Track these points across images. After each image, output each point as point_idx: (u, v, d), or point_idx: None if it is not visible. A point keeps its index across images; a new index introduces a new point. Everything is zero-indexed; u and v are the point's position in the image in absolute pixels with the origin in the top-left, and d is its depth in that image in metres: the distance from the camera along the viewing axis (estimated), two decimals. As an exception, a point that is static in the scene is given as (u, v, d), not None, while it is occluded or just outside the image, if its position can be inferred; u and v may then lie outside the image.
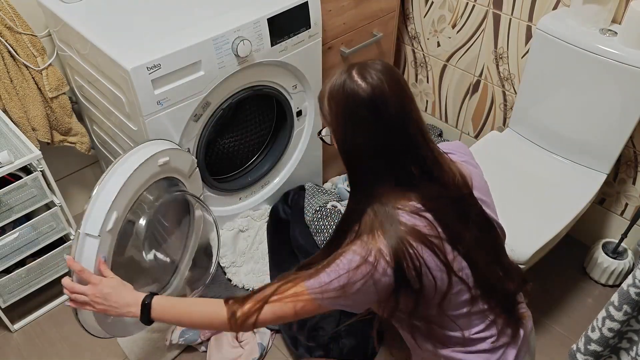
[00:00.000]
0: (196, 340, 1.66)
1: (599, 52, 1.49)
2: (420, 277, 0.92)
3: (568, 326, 1.75)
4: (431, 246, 0.92)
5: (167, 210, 1.54)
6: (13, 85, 1.59)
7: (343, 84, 0.92)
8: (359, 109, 0.92)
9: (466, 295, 0.98)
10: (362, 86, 0.91)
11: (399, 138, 0.93)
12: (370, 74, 0.92)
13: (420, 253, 0.91)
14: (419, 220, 0.93)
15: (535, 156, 1.75)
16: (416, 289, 0.93)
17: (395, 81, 0.93)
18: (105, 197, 1.23)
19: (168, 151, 1.38)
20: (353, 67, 0.94)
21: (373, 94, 0.91)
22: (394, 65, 2.25)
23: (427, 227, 0.93)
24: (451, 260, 0.95)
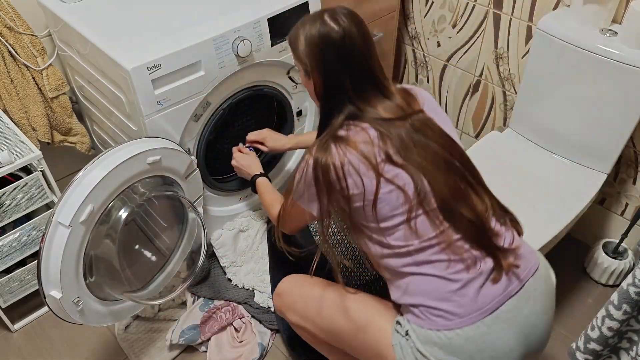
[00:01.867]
0: (196, 340, 1.67)
1: (599, 52, 1.49)
2: (343, 178, 1.05)
3: (568, 326, 1.75)
4: (359, 150, 1.05)
5: (162, 209, 1.54)
6: (13, 85, 1.59)
7: (318, 28, 1.08)
8: (332, 49, 1.08)
9: (404, 202, 1.05)
10: (335, 29, 1.08)
11: (364, 69, 1.10)
12: (341, 18, 1.08)
13: (345, 156, 1.05)
14: (357, 134, 1.07)
15: (536, 156, 1.75)
16: (341, 188, 1.06)
17: (360, 25, 1.10)
18: (83, 188, 1.25)
19: (160, 150, 1.38)
20: (324, 13, 1.10)
21: (344, 35, 1.07)
22: (395, 65, 2.25)
23: (364, 136, 1.07)
24: (382, 168, 1.05)
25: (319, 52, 1.09)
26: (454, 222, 1.06)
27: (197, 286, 1.78)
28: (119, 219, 1.35)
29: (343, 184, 1.06)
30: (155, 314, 1.74)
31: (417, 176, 1.05)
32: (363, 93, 1.10)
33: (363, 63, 1.09)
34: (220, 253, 1.80)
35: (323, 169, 1.06)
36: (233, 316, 1.71)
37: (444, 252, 1.05)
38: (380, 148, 1.06)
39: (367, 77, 1.10)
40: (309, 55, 1.11)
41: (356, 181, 1.05)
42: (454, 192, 1.07)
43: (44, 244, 1.23)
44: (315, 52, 1.09)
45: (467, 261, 1.05)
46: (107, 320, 1.46)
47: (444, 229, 1.05)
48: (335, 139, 1.07)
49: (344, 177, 1.05)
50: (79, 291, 1.32)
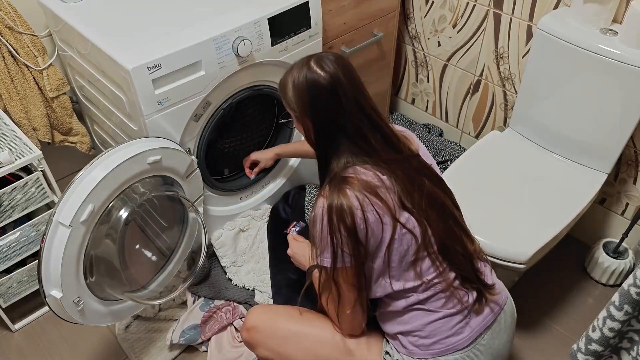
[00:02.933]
0: (197, 340, 1.67)
1: (599, 52, 1.49)
2: (363, 221, 1.04)
3: (569, 326, 1.75)
4: (374, 191, 1.05)
5: (162, 208, 1.54)
6: (14, 85, 1.59)
7: (305, 75, 1.08)
8: (320, 95, 1.08)
9: (413, 246, 1.08)
10: (322, 75, 1.08)
11: (359, 115, 1.09)
12: (327, 64, 1.08)
13: (366, 203, 1.04)
14: (366, 175, 1.07)
15: (536, 156, 1.75)
16: (357, 231, 1.04)
17: (347, 69, 1.10)
18: (84, 188, 1.25)
19: (160, 150, 1.38)
20: (310, 59, 1.10)
21: (332, 80, 1.07)
22: (395, 65, 2.25)
23: (374, 178, 1.07)
24: (397, 212, 1.06)
25: (308, 98, 1.09)
26: (450, 261, 1.11)
27: (197, 286, 1.78)
28: (119, 219, 1.35)
29: (362, 226, 1.04)
30: (155, 313, 1.74)
31: (421, 220, 1.08)
32: (359, 136, 1.10)
33: (354, 106, 1.09)
34: (220, 253, 1.80)
35: (338, 212, 1.03)
36: (233, 316, 1.71)
37: (441, 291, 1.12)
38: (393, 191, 1.06)
39: (360, 119, 1.09)
40: (297, 102, 1.11)
41: (375, 224, 1.05)
42: (450, 233, 1.12)
43: (44, 244, 1.23)
44: (303, 99, 1.10)
45: (460, 298, 1.12)
46: (107, 320, 1.46)
47: (442, 269, 1.11)
48: (346, 181, 1.06)
49: (364, 219, 1.03)
50: (79, 291, 1.32)
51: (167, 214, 1.57)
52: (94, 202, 1.26)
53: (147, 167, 1.36)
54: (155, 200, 1.49)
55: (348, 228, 1.03)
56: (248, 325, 1.27)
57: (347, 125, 1.09)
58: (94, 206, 1.26)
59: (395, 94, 2.43)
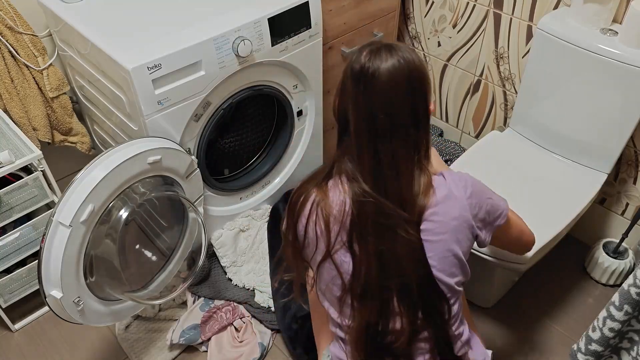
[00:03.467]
0: (197, 340, 1.67)
1: (599, 52, 1.49)
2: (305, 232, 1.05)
3: (569, 326, 1.75)
4: (326, 222, 1.01)
5: (162, 208, 1.54)
6: (14, 85, 1.59)
7: (355, 55, 0.97)
8: (347, 80, 0.97)
9: (339, 281, 1.05)
10: (359, 60, 0.95)
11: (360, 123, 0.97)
12: (380, 56, 0.94)
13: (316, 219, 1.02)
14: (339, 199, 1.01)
15: (536, 156, 1.75)
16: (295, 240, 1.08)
17: (392, 75, 0.94)
18: (84, 188, 1.25)
19: (160, 150, 1.38)
20: (375, 45, 0.96)
21: (361, 71, 0.94)
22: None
23: (340, 208, 1.00)
24: (336, 249, 1.02)
25: (343, 79, 0.99)
26: (365, 315, 1.05)
27: (197, 286, 1.78)
28: (119, 219, 1.35)
29: (301, 235, 1.07)
30: (155, 313, 1.74)
31: (360, 269, 1.01)
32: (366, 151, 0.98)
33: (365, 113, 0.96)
34: (220, 253, 1.80)
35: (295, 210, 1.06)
36: (233, 316, 1.71)
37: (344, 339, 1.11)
38: (345, 229, 1.00)
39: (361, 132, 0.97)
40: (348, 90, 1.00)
41: (312, 241, 1.05)
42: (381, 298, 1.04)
43: (44, 244, 1.23)
44: (342, 77, 1.00)
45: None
46: (107, 320, 1.46)
47: (352, 320, 1.07)
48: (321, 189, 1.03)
49: (304, 230, 1.05)
50: (79, 291, 1.32)
51: (167, 214, 1.57)
52: (94, 202, 1.26)
53: (147, 167, 1.36)
54: (155, 200, 1.49)
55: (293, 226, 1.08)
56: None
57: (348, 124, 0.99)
58: (94, 206, 1.26)
59: (395, 94, 2.43)
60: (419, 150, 1.00)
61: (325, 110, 1.91)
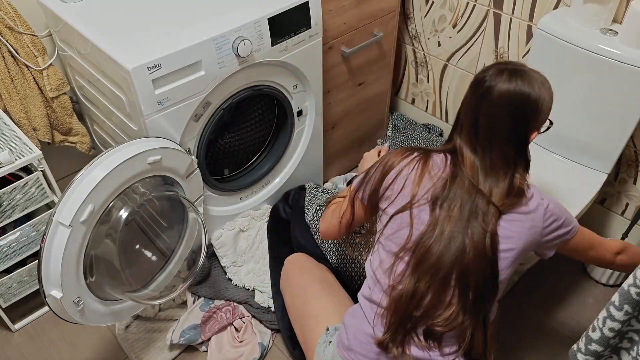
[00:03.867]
0: (197, 340, 1.67)
1: (599, 52, 1.49)
2: (388, 181, 1.14)
3: (569, 326, 1.75)
4: (421, 176, 1.10)
5: (162, 208, 1.54)
6: (14, 85, 1.59)
7: (488, 70, 1.10)
8: (474, 89, 1.10)
9: (402, 239, 1.10)
10: (485, 73, 1.09)
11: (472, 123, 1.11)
12: (502, 77, 1.06)
13: (410, 167, 1.12)
14: (437, 167, 1.11)
15: (536, 156, 1.74)
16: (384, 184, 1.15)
17: (500, 98, 1.06)
18: (84, 188, 1.25)
19: (160, 150, 1.38)
20: (514, 67, 1.08)
21: (481, 82, 1.08)
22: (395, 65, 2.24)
23: (438, 172, 1.11)
24: (421, 199, 1.09)
25: (472, 84, 1.12)
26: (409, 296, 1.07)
27: (197, 286, 1.78)
28: (119, 219, 1.35)
29: (388, 182, 1.14)
30: (155, 313, 1.74)
31: (430, 235, 1.07)
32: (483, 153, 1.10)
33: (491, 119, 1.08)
34: (220, 253, 1.80)
35: (386, 165, 1.15)
36: (233, 316, 1.71)
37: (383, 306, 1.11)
38: (435, 190, 1.09)
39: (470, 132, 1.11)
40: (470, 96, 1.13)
41: (396, 189, 1.13)
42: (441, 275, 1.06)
43: (44, 244, 1.23)
44: (472, 82, 1.12)
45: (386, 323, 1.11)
46: (107, 320, 1.46)
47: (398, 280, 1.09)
48: (425, 154, 1.14)
49: (392, 179, 1.13)
50: (79, 291, 1.32)
51: (167, 214, 1.57)
52: (94, 202, 1.26)
53: (147, 167, 1.36)
54: (155, 200, 1.49)
55: (382, 173, 1.15)
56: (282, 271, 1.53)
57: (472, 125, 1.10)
58: (94, 206, 1.26)
59: (395, 94, 2.43)
60: (515, 166, 1.12)
61: (325, 110, 1.91)
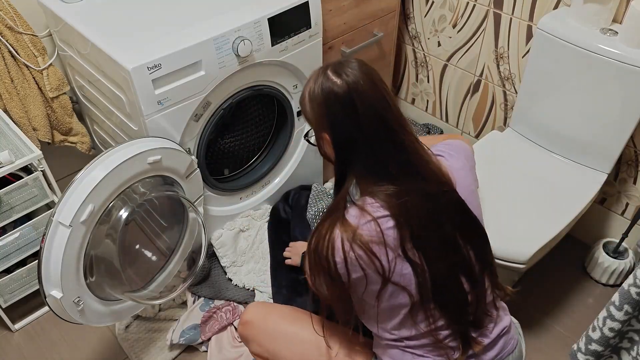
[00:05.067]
0: (197, 340, 1.67)
1: (599, 52, 1.49)
2: (348, 272, 0.98)
3: (569, 326, 1.75)
4: (369, 251, 0.97)
5: (162, 208, 1.54)
6: (14, 85, 1.59)
7: (321, 84, 1.00)
8: (336, 105, 0.99)
9: (405, 296, 1.01)
10: (337, 83, 0.98)
11: (379, 131, 0.99)
12: (345, 71, 0.99)
13: (350, 253, 0.97)
14: (367, 222, 0.97)
15: (536, 156, 1.75)
16: (345, 281, 0.99)
17: (369, 77, 0.99)
18: (84, 188, 1.25)
19: (160, 150, 1.38)
20: (328, 67, 1.01)
21: (348, 89, 0.97)
22: (395, 65, 2.24)
23: (372, 229, 0.97)
24: (387, 261, 0.98)
25: (324, 109, 1.00)
26: (442, 308, 1.04)
27: (197, 286, 1.78)
28: (119, 219, 1.35)
29: (344, 274, 0.99)
30: (155, 313, 1.74)
31: (422, 270, 1.00)
32: (374, 156, 1.00)
33: (374, 119, 0.98)
34: (220, 253, 1.80)
35: (324, 258, 0.99)
36: (233, 316, 1.71)
37: (428, 344, 1.06)
38: (394, 248, 0.98)
39: (380, 136, 0.99)
40: (314, 114, 1.03)
41: (359, 275, 0.99)
42: (454, 282, 1.04)
43: (44, 244, 1.23)
44: (319, 110, 1.01)
45: (443, 350, 1.07)
46: (107, 320, 1.46)
47: (433, 320, 1.04)
48: (344, 225, 0.98)
49: (347, 272, 0.98)
50: (79, 291, 1.32)
51: (167, 214, 1.57)
52: (94, 202, 1.26)
53: (147, 167, 1.36)
54: (155, 200, 1.49)
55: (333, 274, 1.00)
56: (243, 320, 1.29)
57: (362, 142, 0.99)
58: (94, 206, 1.26)
59: (395, 94, 2.43)
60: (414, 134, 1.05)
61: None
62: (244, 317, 1.29)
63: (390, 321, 1.07)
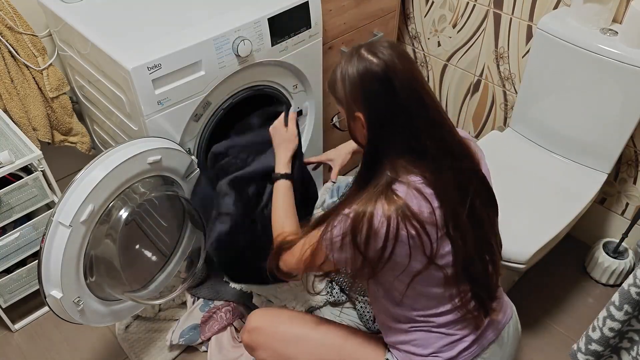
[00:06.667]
0: (197, 340, 1.67)
1: (599, 52, 1.49)
2: (393, 249, 0.96)
3: (569, 326, 1.75)
4: (419, 226, 0.96)
5: (162, 209, 1.54)
6: (14, 85, 1.59)
7: (356, 64, 0.97)
8: (373, 84, 0.97)
9: (440, 275, 1.02)
10: (374, 62, 0.96)
11: (416, 107, 0.98)
12: (380, 50, 0.97)
13: (402, 229, 0.95)
14: (416, 198, 0.97)
15: (536, 156, 1.75)
16: (387, 257, 0.97)
17: (404, 56, 0.98)
18: (84, 188, 1.25)
19: (160, 150, 1.38)
20: (361, 47, 0.99)
21: (386, 68, 0.96)
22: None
23: (423, 205, 0.97)
24: (436, 240, 0.98)
25: (360, 89, 0.98)
26: (471, 282, 1.06)
27: (196, 288, 1.77)
28: (119, 219, 1.35)
29: (388, 250, 0.96)
30: (155, 313, 1.74)
31: (459, 248, 1.01)
32: (413, 134, 0.98)
33: (412, 98, 0.97)
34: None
35: (369, 224, 0.95)
36: (233, 316, 1.71)
37: (456, 316, 1.08)
38: (440, 227, 0.98)
39: (418, 114, 0.98)
40: (349, 95, 1.00)
41: (404, 253, 0.97)
42: (479, 256, 1.06)
43: (44, 244, 1.23)
44: (355, 90, 0.98)
45: (470, 321, 1.10)
46: (107, 320, 1.46)
47: (464, 294, 1.06)
48: (390, 200, 0.95)
49: (393, 243, 0.95)
50: (79, 291, 1.32)
51: (167, 214, 1.57)
52: (94, 202, 1.26)
53: (147, 167, 1.36)
54: (155, 200, 1.49)
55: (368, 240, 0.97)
56: (250, 327, 1.26)
57: (401, 120, 0.97)
58: (94, 206, 1.26)
59: (395, 94, 2.43)
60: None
61: (325, 109, 1.91)
62: (250, 324, 1.27)
63: (419, 301, 1.06)
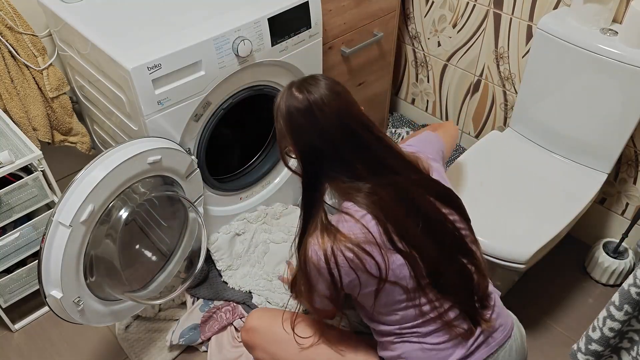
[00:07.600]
0: (197, 340, 1.66)
1: (599, 52, 1.49)
2: (340, 276, 1.03)
3: (569, 326, 1.75)
4: (362, 254, 1.01)
5: (162, 209, 1.54)
6: (14, 85, 1.59)
7: (286, 101, 1.07)
8: (298, 118, 1.05)
9: (399, 289, 1.04)
10: (298, 98, 1.05)
11: (340, 135, 1.04)
12: (306, 87, 1.06)
13: (338, 256, 1.01)
14: (347, 222, 1.03)
15: (536, 156, 1.75)
16: (338, 286, 1.05)
17: (333, 90, 1.06)
18: (84, 188, 1.25)
19: (160, 150, 1.38)
20: (293, 85, 1.08)
21: (309, 104, 1.04)
22: (395, 65, 2.24)
23: (354, 227, 1.02)
24: (381, 257, 1.01)
25: (289, 124, 1.07)
26: (445, 291, 1.07)
27: (196, 288, 1.77)
28: (119, 219, 1.35)
29: (336, 278, 1.04)
30: (155, 313, 1.74)
31: (413, 259, 1.03)
32: (340, 159, 1.05)
33: (335, 124, 1.04)
34: (216, 257, 1.79)
35: (312, 262, 1.04)
36: (233, 316, 1.71)
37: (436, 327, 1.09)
38: (382, 244, 1.02)
39: (343, 140, 1.04)
40: (281, 130, 1.09)
41: (352, 276, 1.03)
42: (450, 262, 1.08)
43: (44, 244, 1.23)
44: (286, 126, 1.07)
45: (455, 332, 1.09)
46: (107, 320, 1.46)
47: (439, 304, 1.07)
48: (329, 231, 1.03)
49: (337, 270, 1.03)
50: (79, 291, 1.32)
51: (167, 214, 1.57)
52: (94, 202, 1.26)
53: (147, 167, 1.36)
54: (155, 200, 1.49)
55: (329, 282, 1.05)
56: (248, 326, 1.29)
57: (328, 151, 1.05)
58: (94, 206, 1.26)
59: (395, 94, 2.43)
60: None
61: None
62: (249, 324, 1.29)
63: (393, 315, 1.08)
